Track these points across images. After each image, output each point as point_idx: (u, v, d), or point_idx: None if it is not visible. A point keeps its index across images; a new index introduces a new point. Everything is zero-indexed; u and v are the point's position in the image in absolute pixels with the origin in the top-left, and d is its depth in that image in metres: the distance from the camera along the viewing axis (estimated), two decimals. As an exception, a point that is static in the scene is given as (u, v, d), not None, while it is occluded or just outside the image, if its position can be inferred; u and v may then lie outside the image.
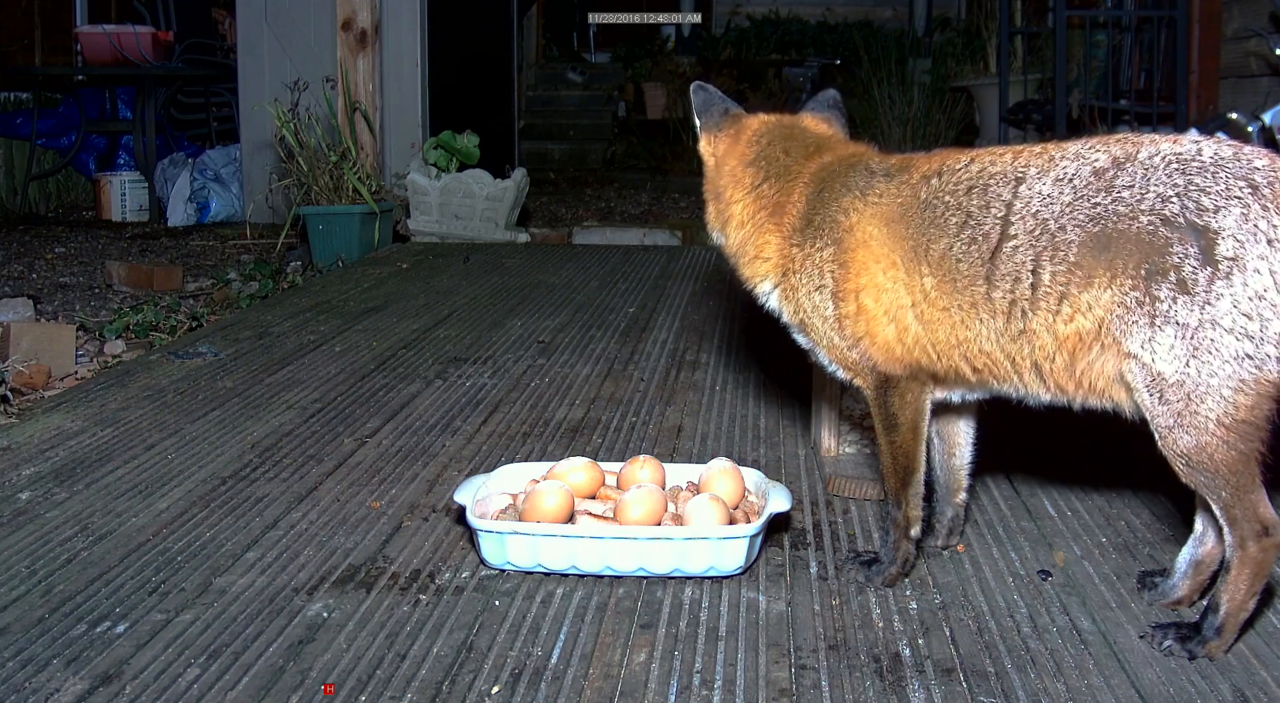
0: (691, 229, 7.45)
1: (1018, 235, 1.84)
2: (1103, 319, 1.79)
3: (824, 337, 2.06)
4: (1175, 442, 1.78)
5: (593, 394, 3.37)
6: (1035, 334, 1.84)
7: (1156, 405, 1.78)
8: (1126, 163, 1.81)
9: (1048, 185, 1.84)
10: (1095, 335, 1.81)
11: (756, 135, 2.21)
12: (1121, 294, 1.77)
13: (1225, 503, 1.79)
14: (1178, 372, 1.74)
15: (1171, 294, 1.74)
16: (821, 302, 2.03)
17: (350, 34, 7.10)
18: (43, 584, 2.09)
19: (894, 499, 2.09)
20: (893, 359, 1.99)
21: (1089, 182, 1.82)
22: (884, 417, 2.05)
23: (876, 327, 1.98)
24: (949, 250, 1.89)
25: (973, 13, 11.28)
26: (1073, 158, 1.85)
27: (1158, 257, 1.75)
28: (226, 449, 2.85)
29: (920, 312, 1.93)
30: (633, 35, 13.57)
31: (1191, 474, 1.79)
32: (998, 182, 1.89)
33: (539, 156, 11.38)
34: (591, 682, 1.76)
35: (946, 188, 1.93)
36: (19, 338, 3.97)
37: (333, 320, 4.37)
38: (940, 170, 1.96)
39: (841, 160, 2.11)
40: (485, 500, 2.24)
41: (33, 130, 8.34)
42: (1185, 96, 6.42)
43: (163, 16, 9.06)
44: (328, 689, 1.73)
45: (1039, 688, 1.75)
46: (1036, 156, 1.88)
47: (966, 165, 1.94)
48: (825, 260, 2.02)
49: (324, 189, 6.16)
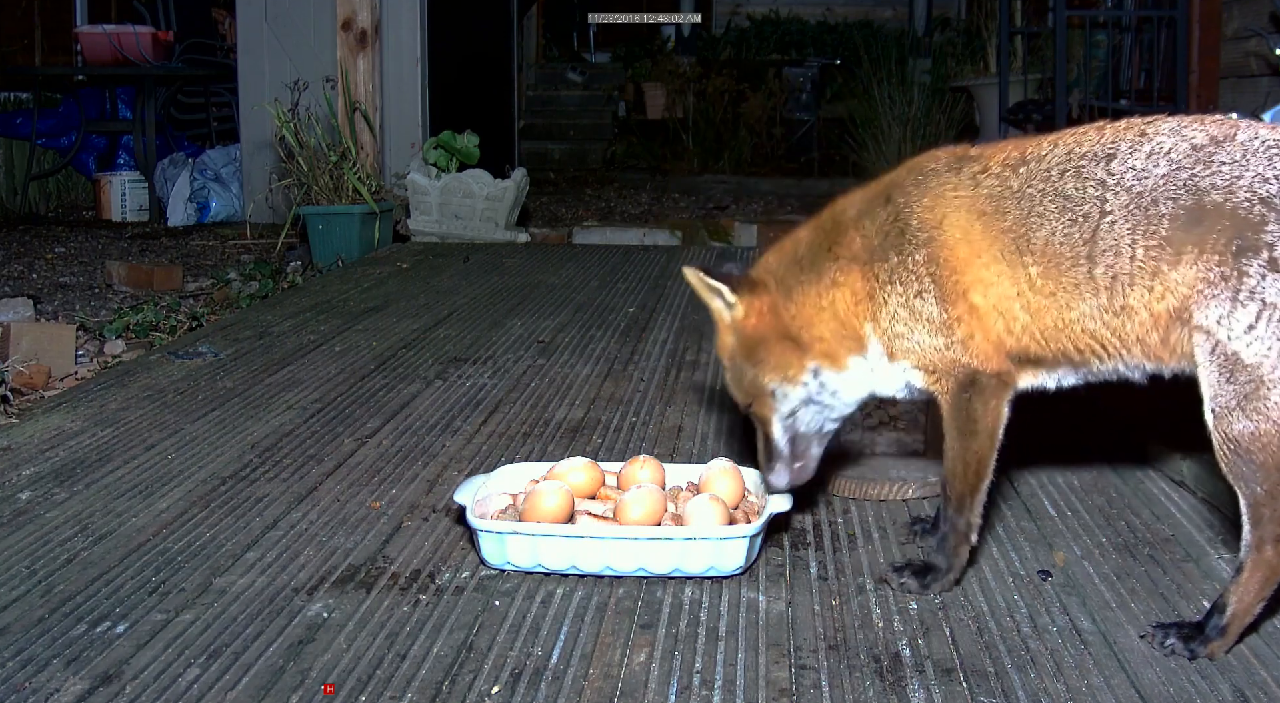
0: (692, 229, 7.45)
1: (1113, 211, 1.82)
2: (1188, 295, 1.77)
3: (919, 344, 1.98)
4: (1231, 425, 1.75)
5: (593, 394, 3.37)
6: (1134, 310, 1.83)
7: (1223, 385, 1.75)
8: (1225, 142, 1.80)
9: (1140, 160, 1.83)
10: (1179, 310, 1.79)
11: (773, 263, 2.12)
12: (1206, 269, 1.75)
13: (1256, 500, 1.76)
14: (1257, 353, 1.72)
15: (1262, 272, 1.72)
16: (924, 307, 1.95)
17: (350, 34, 7.09)
18: (43, 584, 2.09)
19: (957, 506, 2.02)
20: (999, 353, 1.95)
21: (1187, 154, 1.80)
22: (963, 421, 1.98)
23: (988, 322, 1.93)
24: (1052, 236, 1.87)
25: (973, 13, 11.28)
26: (1168, 134, 1.84)
27: (1251, 233, 1.73)
28: (226, 449, 2.85)
29: (1026, 301, 1.90)
30: (633, 35, 13.56)
31: (1236, 462, 1.76)
32: (1090, 161, 1.86)
33: (539, 156, 11.38)
34: (591, 682, 1.76)
35: (1038, 175, 1.90)
36: (19, 338, 3.97)
37: (333, 320, 4.37)
38: (1024, 158, 1.93)
39: (874, 188, 2.06)
40: (485, 500, 2.24)
41: (33, 130, 8.33)
42: (1185, 96, 6.42)
43: (163, 16, 9.06)
44: (328, 689, 1.73)
45: (1039, 688, 1.75)
46: (1126, 131, 1.87)
47: (1052, 149, 1.91)
48: (919, 264, 1.95)
49: (324, 189, 6.16)
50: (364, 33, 7.09)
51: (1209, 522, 2.38)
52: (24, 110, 8.66)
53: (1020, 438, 2.21)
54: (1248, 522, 1.78)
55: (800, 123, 11.51)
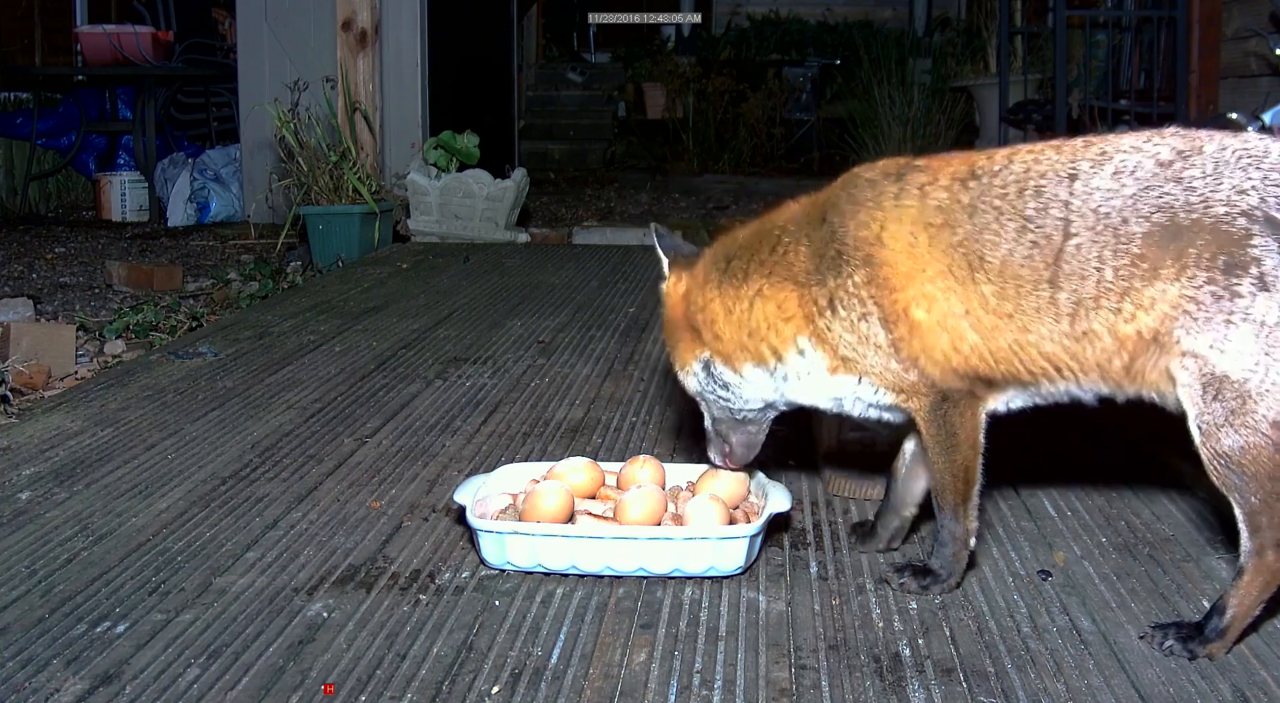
0: (692, 229, 7.45)
1: (1080, 233, 1.78)
2: (1167, 315, 1.73)
3: (876, 367, 1.94)
4: (1219, 441, 1.73)
5: (593, 394, 3.37)
6: (1097, 335, 1.79)
7: (1208, 403, 1.72)
8: (1192, 155, 1.76)
9: (1106, 179, 1.78)
10: (1155, 333, 1.75)
11: (711, 253, 2.13)
12: (1194, 288, 1.71)
13: (1253, 509, 1.75)
14: (1244, 370, 1.69)
15: (1253, 290, 1.68)
16: (870, 330, 1.91)
17: (350, 34, 7.09)
18: (43, 584, 2.09)
19: (951, 514, 2.01)
20: (950, 370, 1.90)
21: (1154, 173, 1.76)
22: (943, 436, 1.95)
23: (931, 339, 1.89)
24: (1010, 257, 1.81)
25: (973, 13, 11.29)
26: (1130, 150, 1.79)
27: (1236, 248, 1.69)
28: (226, 449, 2.85)
29: (978, 319, 1.85)
30: (633, 35, 13.57)
31: (1228, 476, 1.74)
32: (1051, 180, 1.82)
33: (539, 156, 11.38)
34: (591, 682, 1.76)
35: (993, 191, 1.84)
36: (19, 338, 3.97)
37: (333, 320, 4.37)
38: (974, 172, 1.88)
39: (812, 206, 2.03)
40: (485, 501, 2.24)
41: (33, 130, 8.34)
42: (1185, 96, 6.42)
43: (163, 16, 9.06)
44: (328, 689, 1.73)
45: (1039, 688, 1.75)
46: (1085, 149, 1.82)
47: (1007, 165, 1.86)
48: (859, 286, 1.90)
49: (324, 189, 6.16)
50: (364, 33, 7.09)
51: (1209, 522, 2.38)
52: (24, 110, 8.66)
53: (1020, 438, 2.21)
54: (1246, 530, 1.78)
55: (800, 123, 11.51)
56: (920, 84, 10.11)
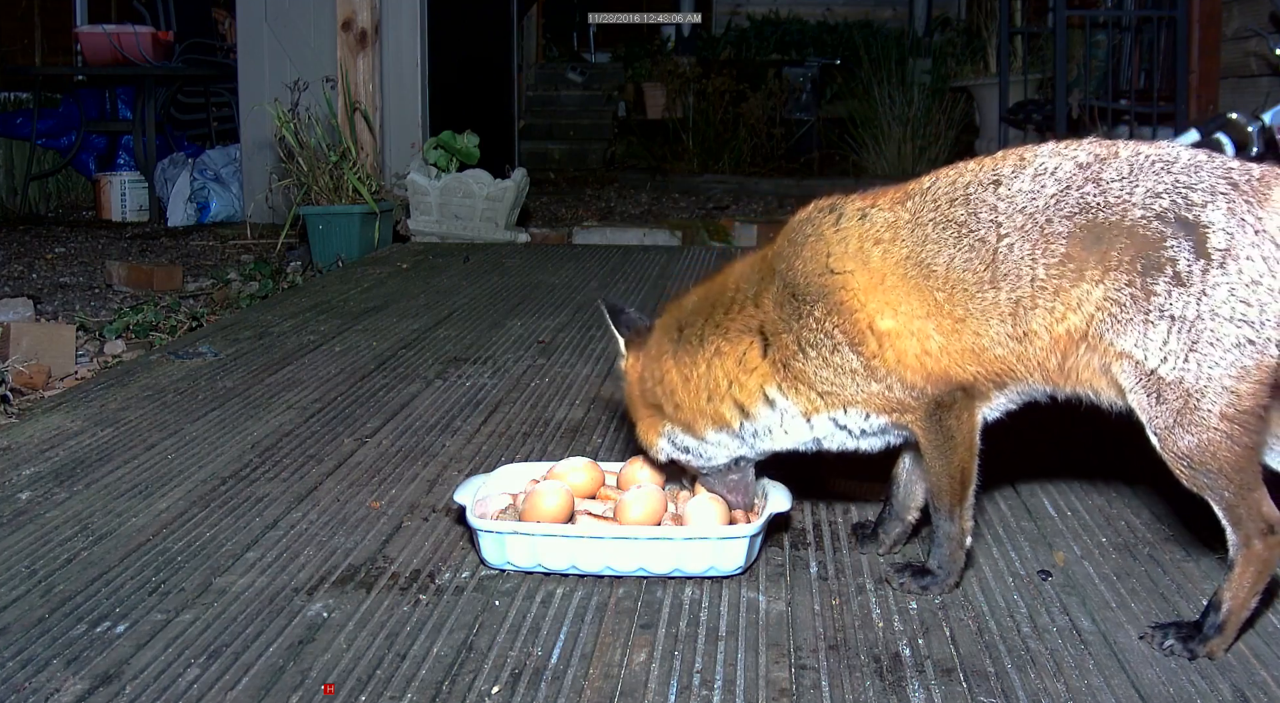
0: (692, 229, 7.45)
1: (1010, 234, 1.84)
2: (1093, 316, 1.79)
3: (860, 394, 1.96)
4: (1176, 442, 1.77)
5: (593, 394, 3.37)
6: (1036, 334, 1.84)
7: (1154, 406, 1.77)
8: (1110, 159, 1.83)
9: (1027, 182, 1.85)
10: (1084, 333, 1.80)
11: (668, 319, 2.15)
12: (1116, 290, 1.77)
13: (1229, 503, 1.78)
14: (1175, 368, 1.74)
15: (1168, 288, 1.74)
16: (843, 360, 1.94)
17: (350, 34, 7.09)
18: (43, 584, 2.09)
19: (948, 515, 2.02)
20: (926, 375, 1.92)
21: (1073, 173, 1.83)
22: (940, 441, 1.96)
23: (902, 344, 1.91)
24: (952, 262, 1.87)
25: (973, 13, 11.29)
26: (1049, 155, 1.86)
27: (1153, 250, 1.75)
28: (226, 449, 2.85)
29: (939, 323, 1.89)
30: (633, 35, 13.57)
31: (1194, 476, 1.78)
32: (977, 188, 1.88)
33: (539, 156, 11.38)
34: (591, 682, 1.76)
35: (927, 206, 1.91)
36: (19, 338, 3.97)
37: (333, 320, 4.38)
38: (908, 194, 1.95)
39: (760, 263, 2.07)
40: (485, 501, 2.24)
41: (33, 130, 8.34)
42: (1185, 96, 6.43)
43: (163, 16, 9.06)
44: (328, 689, 1.73)
45: (1039, 688, 1.75)
46: (1004, 159, 1.90)
47: (934, 183, 1.94)
48: (820, 320, 1.94)
49: (324, 189, 6.16)
50: (364, 33, 7.09)
51: (1209, 522, 2.37)
52: (24, 110, 8.67)
53: (1020, 438, 2.21)
54: (1228, 524, 1.80)
55: (800, 123, 11.51)
56: (920, 84, 10.11)
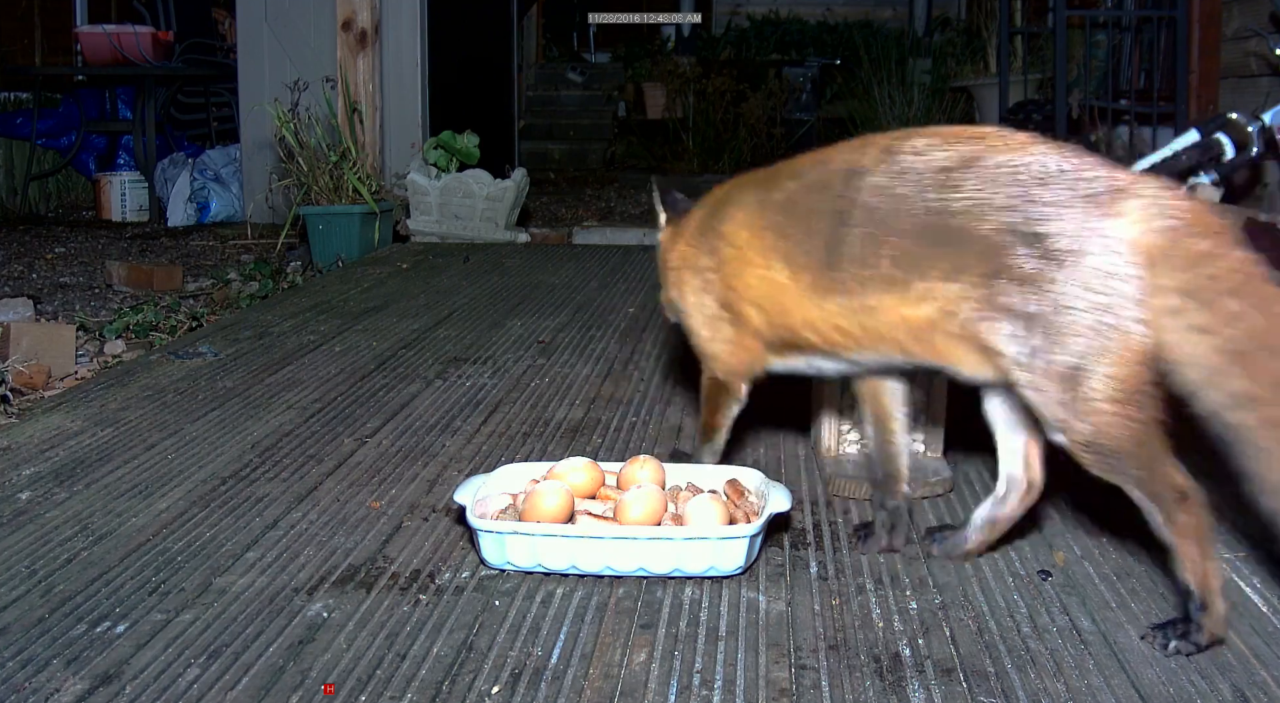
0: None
1: (857, 225, 1.93)
2: (946, 310, 1.86)
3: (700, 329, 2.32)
4: (1074, 434, 1.81)
5: (593, 394, 3.37)
6: (881, 310, 1.94)
7: (1045, 402, 1.81)
8: (973, 164, 1.86)
9: (885, 178, 1.92)
10: (940, 322, 1.88)
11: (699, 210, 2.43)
12: (966, 293, 1.84)
13: (1140, 481, 1.81)
14: (1045, 363, 1.78)
15: (1021, 292, 1.78)
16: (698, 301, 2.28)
17: (350, 34, 7.09)
18: (43, 584, 2.09)
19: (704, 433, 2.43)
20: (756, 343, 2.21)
21: (933, 175, 1.88)
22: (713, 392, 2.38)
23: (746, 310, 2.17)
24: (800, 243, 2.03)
25: (973, 13, 11.28)
26: (910, 153, 1.92)
27: (1002, 257, 1.80)
28: (226, 449, 2.85)
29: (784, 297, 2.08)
30: (633, 35, 13.57)
31: (1099, 462, 1.81)
32: (837, 178, 1.99)
33: (539, 156, 11.38)
34: (591, 682, 1.76)
35: (800, 189, 2.07)
36: (19, 338, 3.97)
37: (333, 320, 4.38)
38: (796, 172, 2.11)
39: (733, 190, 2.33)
40: (485, 501, 2.24)
41: (33, 130, 8.34)
42: (1185, 96, 6.42)
43: (163, 16, 9.06)
44: (328, 689, 1.73)
45: (1039, 688, 1.75)
46: (869, 147, 1.98)
47: (812, 166, 2.07)
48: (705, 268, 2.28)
49: (324, 189, 6.16)
50: (364, 33, 7.09)
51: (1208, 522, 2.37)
52: (24, 110, 8.67)
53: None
54: (1148, 503, 1.82)
55: (800, 123, 11.50)
56: (920, 84, 10.11)
